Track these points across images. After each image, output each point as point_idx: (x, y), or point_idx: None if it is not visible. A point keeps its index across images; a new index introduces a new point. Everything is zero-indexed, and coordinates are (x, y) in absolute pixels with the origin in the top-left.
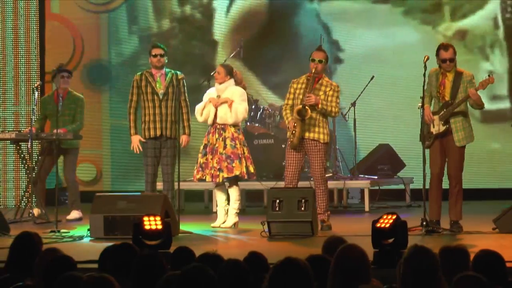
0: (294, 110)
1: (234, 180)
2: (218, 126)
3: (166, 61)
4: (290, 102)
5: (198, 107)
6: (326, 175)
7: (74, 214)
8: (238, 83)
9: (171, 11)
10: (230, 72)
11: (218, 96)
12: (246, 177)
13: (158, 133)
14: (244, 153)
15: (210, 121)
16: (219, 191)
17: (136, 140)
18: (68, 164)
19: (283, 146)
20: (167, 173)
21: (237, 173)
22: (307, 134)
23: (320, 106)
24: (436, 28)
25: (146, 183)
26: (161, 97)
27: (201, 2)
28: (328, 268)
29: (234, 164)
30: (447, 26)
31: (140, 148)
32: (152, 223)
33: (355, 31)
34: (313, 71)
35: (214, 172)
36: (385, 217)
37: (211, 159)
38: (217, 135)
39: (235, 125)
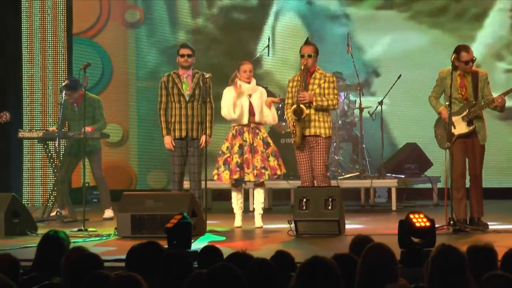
0: (290, 110)
1: (262, 183)
2: (252, 126)
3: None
4: (290, 101)
5: (228, 104)
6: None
7: (109, 212)
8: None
9: (185, 24)
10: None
11: (250, 96)
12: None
13: (184, 134)
14: None
15: (245, 121)
16: (237, 191)
17: (168, 141)
18: (94, 163)
19: (292, 142)
20: (193, 172)
21: (284, 171)
22: (308, 131)
23: (314, 103)
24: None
25: (173, 183)
26: (187, 98)
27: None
28: (355, 267)
29: (280, 162)
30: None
31: (170, 145)
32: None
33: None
34: (302, 67)
35: (258, 171)
36: (412, 216)
37: (252, 158)
38: (252, 134)
39: (264, 124)
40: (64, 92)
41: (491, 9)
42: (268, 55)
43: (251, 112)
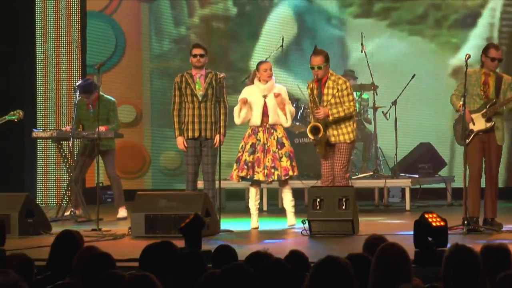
0: (308, 129)
1: (285, 181)
2: (267, 126)
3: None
4: (312, 104)
5: (235, 109)
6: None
7: (122, 212)
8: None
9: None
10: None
11: (265, 96)
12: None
13: (197, 134)
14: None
15: (258, 122)
16: (254, 190)
17: (180, 141)
18: (108, 163)
19: (317, 151)
20: (207, 172)
21: (296, 173)
22: (332, 139)
23: (331, 117)
24: None
25: (187, 182)
26: (200, 98)
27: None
28: (368, 267)
29: (294, 164)
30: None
31: (183, 146)
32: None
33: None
34: (313, 79)
35: (268, 170)
36: (426, 216)
37: (263, 157)
38: (267, 134)
39: (282, 125)
40: (78, 92)
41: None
42: (282, 56)
43: (265, 113)
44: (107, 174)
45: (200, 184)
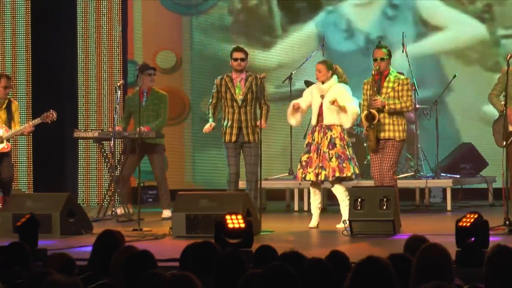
0: (362, 116)
1: (338, 180)
2: (323, 126)
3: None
4: (365, 103)
5: (288, 111)
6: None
7: (167, 213)
8: (339, 78)
9: None
10: (331, 67)
11: (322, 96)
12: (354, 178)
13: (234, 139)
14: (352, 154)
15: (314, 122)
16: (315, 191)
17: (208, 126)
18: (156, 162)
19: (364, 145)
20: (250, 172)
21: (348, 174)
22: (382, 134)
23: (387, 107)
24: None
25: (229, 183)
26: (240, 103)
27: None
28: (409, 268)
29: (344, 165)
30: None
31: (208, 129)
32: (235, 221)
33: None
34: (373, 72)
35: (318, 170)
36: (467, 216)
37: (316, 158)
38: (322, 134)
39: (342, 125)
40: (147, 73)
41: None
42: (323, 55)
43: (320, 113)
44: (155, 176)
45: (242, 185)
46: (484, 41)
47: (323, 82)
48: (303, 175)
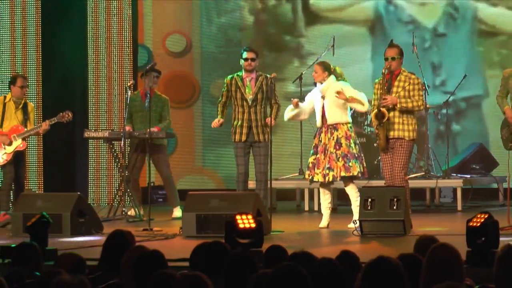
0: (372, 114)
1: (349, 179)
2: (330, 126)
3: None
4: (375, 103)
5: (288, 108)
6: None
7: (177, 212)
8: (338, 78)
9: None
10: (327, 68)
11: (323, 97)
12: (360, 177)
13: (243, 138)
14: (358, 152)
15: (319, 124)
16: (324, 191)
17: (216, 121)
18: (160, 161)
19: (375, 145)
20: (260, 172)
21: (355, 173)
22: (392, 133)
23: (399, 105)
24: None
25: (238, 183)
26: (250, 103)
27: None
28: (420, 268)
29: (351, 164)
30: None
31: (216, 124)
32: (245, 221)
33: None
34: (384, 71)
35: (326, 171)
36: (478, 216)
37: (323, 159)
38: (329, 135)
39: (347, 123)
40: (153, 75)
41: None
42: (333, 55)
43: (323, 114)
44: (160, 173)
45: (251, 185)
46: None
47: (321, 83)
48: (310, 177)
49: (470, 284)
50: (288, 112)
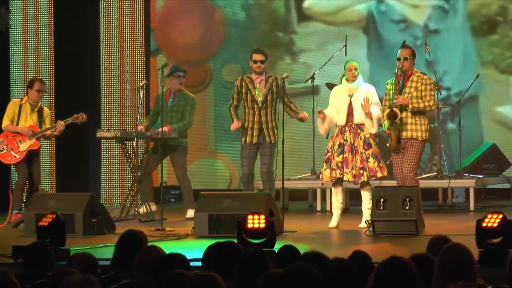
0: (384, 114)
1: (368, 181)
2: (353, 125)
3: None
4: (387, 103)
5: (317, 123)
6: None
7: (191, 213)
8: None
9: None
10: (359, 67)
11: (350, 96)
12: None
13: (255, 140)
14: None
15: (343, 122)
16: (337, 191)
17: (235, 124)
18: (177, 161)
19: (387, 145)
20: (264, 172)
21: (385, 173)
22: (404, 134)
23: (410, 106)
24: None
25: (243, 183)
26: (260, 104)
27: None
28: (432, 268)
29: (381, 165)
30: None
31: (235, 127)
32: (256, 221)
33: None
34: (396, 71)
35: (357, 171)
36: (490, 216)
37: (352, 158)
38: (353, 134)
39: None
40: (176, 75)
41: None
42: (345, 55)
43: (350, 112)
44: (176, 174)
45: (259, 186)
46: None
47: (352, 82)
48: (340, 176)
49: (482, 284)
50: (321, 127)
